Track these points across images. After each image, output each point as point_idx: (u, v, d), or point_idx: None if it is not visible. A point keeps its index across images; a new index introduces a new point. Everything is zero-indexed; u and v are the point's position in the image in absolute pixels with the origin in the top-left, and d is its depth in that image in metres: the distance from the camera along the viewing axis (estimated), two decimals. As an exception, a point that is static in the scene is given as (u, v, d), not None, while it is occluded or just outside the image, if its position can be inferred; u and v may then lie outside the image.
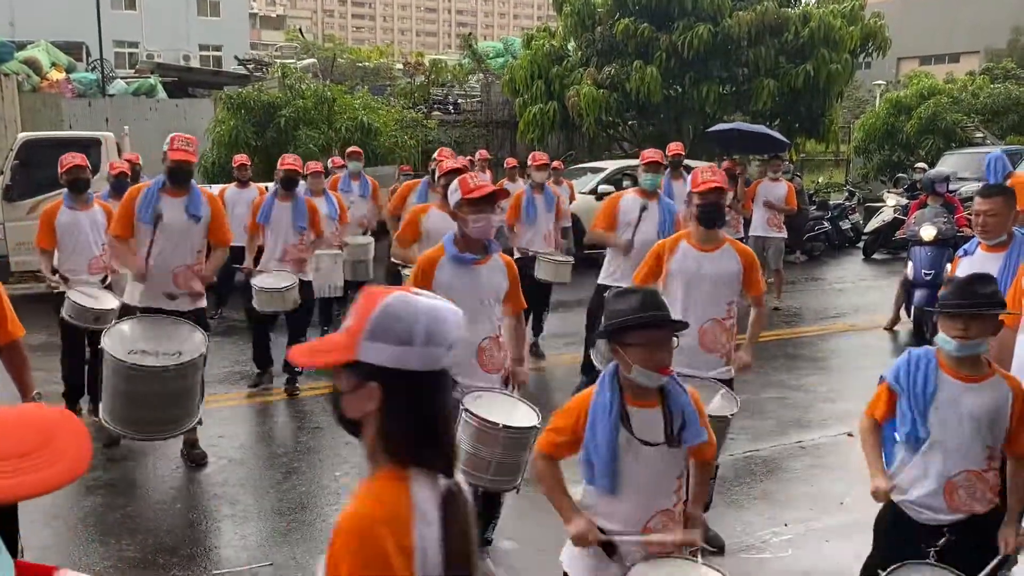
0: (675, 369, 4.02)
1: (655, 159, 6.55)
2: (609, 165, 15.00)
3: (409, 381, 1.50)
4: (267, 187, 9.00)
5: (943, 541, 2.86)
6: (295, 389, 7.00)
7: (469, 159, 12.08)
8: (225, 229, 5.63)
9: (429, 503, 1.51)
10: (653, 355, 2.54)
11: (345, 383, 1.54)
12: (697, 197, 4.22)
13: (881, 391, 3.07)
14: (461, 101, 21.75)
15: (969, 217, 8.63)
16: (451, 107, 21.25)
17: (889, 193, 15.81)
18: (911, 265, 8.89)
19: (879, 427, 3.08)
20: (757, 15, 16.37)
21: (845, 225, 15.81)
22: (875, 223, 14.65)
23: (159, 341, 4.82)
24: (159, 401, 4.65)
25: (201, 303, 5.51)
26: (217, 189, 10.42)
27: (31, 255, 8.17)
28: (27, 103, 16.34)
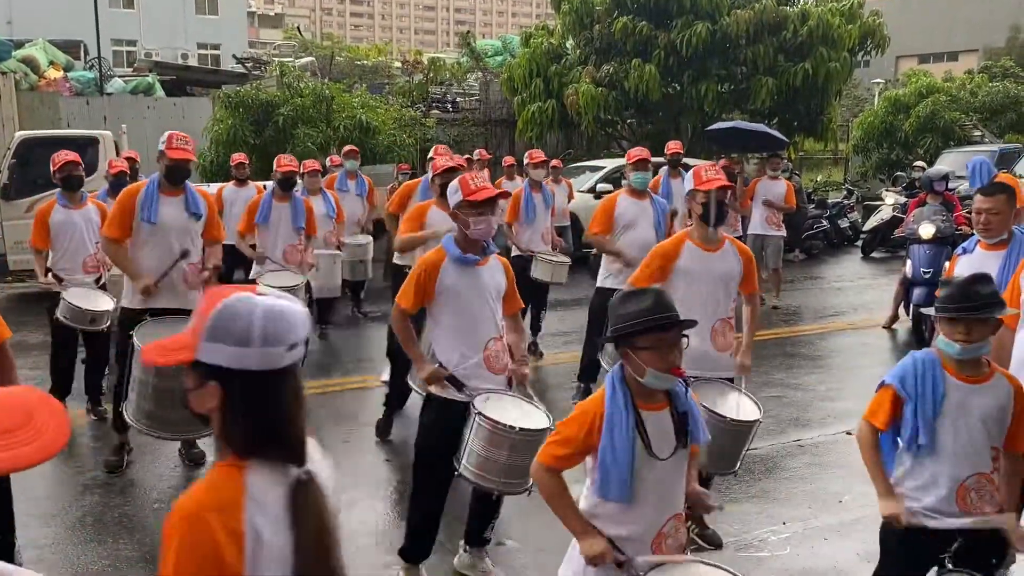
0: (688, 372, 4.05)
1: (642, 157, 6.50)
2: (608, 164, 15.00)
3: (247, 381, 1.53)
4: (265, 186, 8.99)
5: (956, 545, 2.82)
6: (294, 388, 7.00)
7: (467, 158, 12.10)
8: (219, 226, 5.59)
9: (269, 492, 1.54)
10: (666, 357, 2.47)
11: (190, 381, 1.58)
12: (702, 195, 4.16)
13: (884, 397, 2.94)
14: (460, 99, 21.73)
15: (967, 216, 8.66)
16: (450, 105, 21.23)
17: (888, 191, 15.83)
18: (909, 263, 8.89)
19: (878, 436, 2.98)
20: (756, 13, 16.37)
21: (844, 223, 15.83)
22: (873, 221, 14.67)
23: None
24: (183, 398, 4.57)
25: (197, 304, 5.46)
26: (215, 188, 10.43)
27: (29, 254, 8.15)
28: (25, 102, 16.31)
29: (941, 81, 23.39)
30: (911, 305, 8.86)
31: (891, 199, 14.63)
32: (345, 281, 8.67)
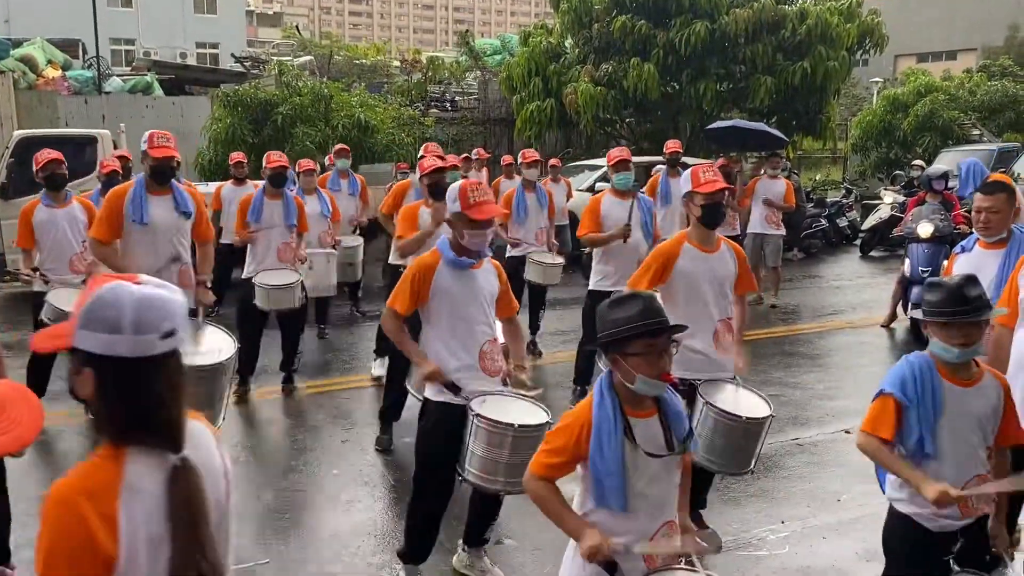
0: (696, 376, 4.04)
1: (622, 158, 6.44)
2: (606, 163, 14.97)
3: (119, 367, 1.56)
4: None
5: (958, 546, 2.83)
6: (292, 388, 7.00)
7: (465, 157, 12.09)
8: (208, 225, 5.52)
9: (147, 478, 1.57)
10: (655, 363, 2.43)
11: (71, 366, 1.62)
12: (701, 198, 4.10)
13: (886, 406, 2.84)
14: (458, 98, 21.73)
15: (966, 214, 8.66)
16: (448, 104, 21.23)
17: (886, 190, 15.82)
18: (908, 262, 8.89)
19: (885, 445, 2.85)
20: (754, 12, 16.38)
21: (842, 222, 15.83)
22: (872, 220, 14.67)
23: (191, 341, 4.64)
24: (203, 399, 4.44)
25: (192, 302, 5.33)
26: (214, 187, 10.43)
27: (28, 254, 8.13)
28: (23, 101, 16.29)
29: (940, 80, 23.37)
30: (909, 304, 8.86)
31: (890, 198, 14.63)
32: (340, 282, 8.61)
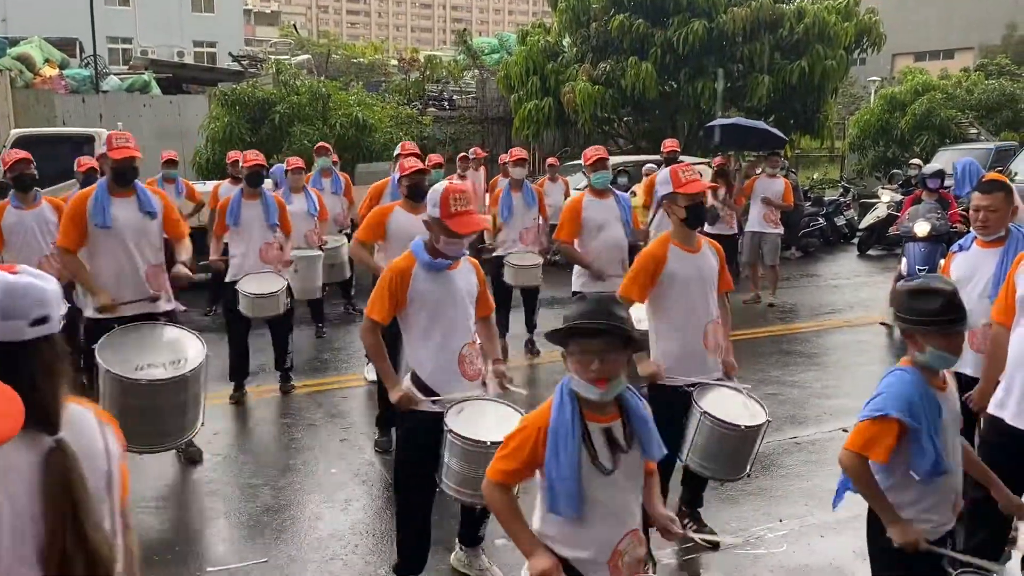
0: (688, 379, 4.02)
1: (600, 157, 6.34)
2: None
3: None
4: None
5: (949, 545, 2.82)
6: (290, 386, 6.99)
7: (463, 155, 12.07)
8: (179, 221, 5.34)
9: (15, 458, 1.61)
10: (588, 366, 2.33)
11: None
12: (684, 199, 4.01)
13: (888, 430, 2.68)
14: (456, 97, 21.74)
15: (963, 214, 8.66)
16: (446, 103, 21.24)
17: (884, 189, 15.83)
18: (905, 261, 8.89)
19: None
20: (752, 11, 16.40)
21: (840, 221, 15.84)
22: (870, 219, 14.68)
23: (157, 351, 4.54)
24: (172, 411, 4.42)
25: (171, 304, 5.22)
26: (211, 185, 10.42)
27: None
28: (20, 99, 16.28)
29: (937, 79, 23.39)
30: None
31: (887, 197, 14.64)
32: (325, 283, 8.56)
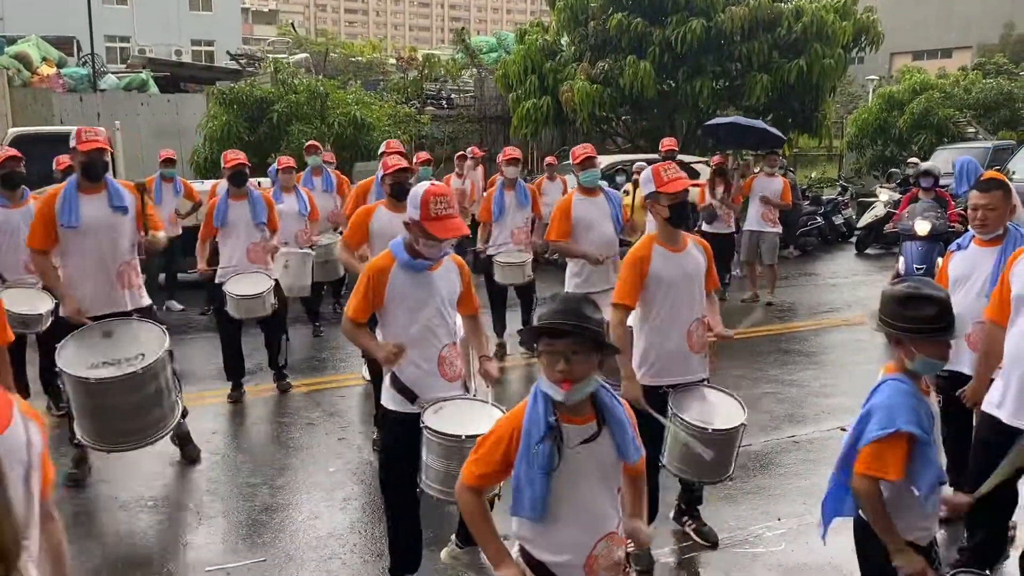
0: (669, 380, 4.01)
1: (588, 155, 6.32)
2: (602, 160, 14.97)
3: None
4: (259, 182, 8.94)
5: (933, 552, 2.81)
6: (286, 384, 6.99)
7: (460, 155, 12.05)
8: (155, 216, 5.21)
9: None
10: (553, 367, 2.29)
11: None
12: (667, 198, 3.97)
13: (901, 445, 2.61)
14: (454, 96, 21.74)
15: (961, 213, 8.67)
16: (444, 102, 21.23)
17: (882, 188, 15.85)
18: (902, 260, 8.90)
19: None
20: (750, 10, 16.40)
21: (838, 220, 15.85)
22: (868, 218, 14.69)
23: (117, 347, 4.46)
24: (136, 408, 4.36)
25: (147, 300, 5.14)
26: (209, 184, 10.42)
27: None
28: (17, 98, 16.26)
29: (935, 78, 23.43)
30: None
31: (885, 195, 14.65)
32: (320, 282, 8.53)
